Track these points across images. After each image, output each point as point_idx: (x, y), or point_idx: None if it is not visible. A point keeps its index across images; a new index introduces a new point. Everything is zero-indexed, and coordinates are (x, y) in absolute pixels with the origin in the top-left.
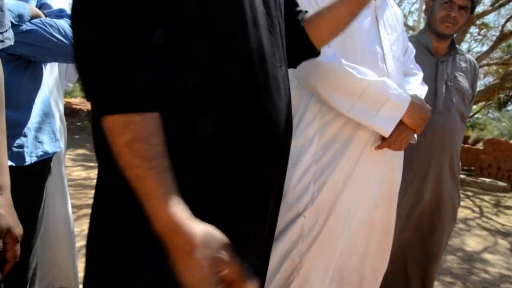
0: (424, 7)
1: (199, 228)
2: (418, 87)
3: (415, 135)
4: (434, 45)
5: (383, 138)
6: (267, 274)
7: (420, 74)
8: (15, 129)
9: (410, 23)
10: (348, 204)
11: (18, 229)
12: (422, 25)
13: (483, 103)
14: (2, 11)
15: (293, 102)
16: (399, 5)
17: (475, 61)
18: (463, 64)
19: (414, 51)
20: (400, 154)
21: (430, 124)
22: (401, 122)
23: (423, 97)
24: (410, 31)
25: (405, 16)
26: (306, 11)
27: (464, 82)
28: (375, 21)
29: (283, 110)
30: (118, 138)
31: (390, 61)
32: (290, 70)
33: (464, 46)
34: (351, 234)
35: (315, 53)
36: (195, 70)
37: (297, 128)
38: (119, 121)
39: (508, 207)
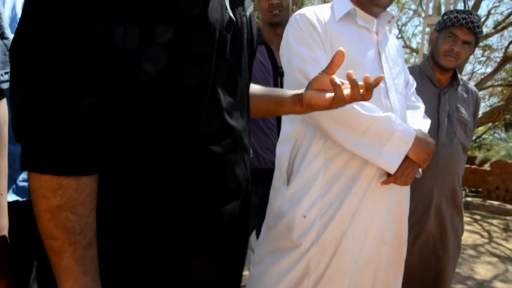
0: (427, 29)
1: None
2: (421, 121)
3: (420, 170)
4: (437, 77)
5: (389, 173)
6: None
7: (422, 107)
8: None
9: (414, 45)
10: (354, 239)
11: (11, 274)
12: (425, 47)
13: (490, 124)
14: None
15: (297, 136)
16: (402, 28)
17: (476, 91)
18: (465, 95)
19: (415, 84)
20: (407, 187)
21: (433, 157)
22: (406, 157)
23: (426, 131)
24: (414, 54)
25: (409, 39)
26: None
27: (466, 113)
28: (377, 55)
29: (239, 162)
30: (42, 201)
31: (393, 95)
32: None
33: (468, 68)
34: (358, 270)
35: None
36: (149, 115)
37: (302, 163)
38: (49, 182)
39: None
